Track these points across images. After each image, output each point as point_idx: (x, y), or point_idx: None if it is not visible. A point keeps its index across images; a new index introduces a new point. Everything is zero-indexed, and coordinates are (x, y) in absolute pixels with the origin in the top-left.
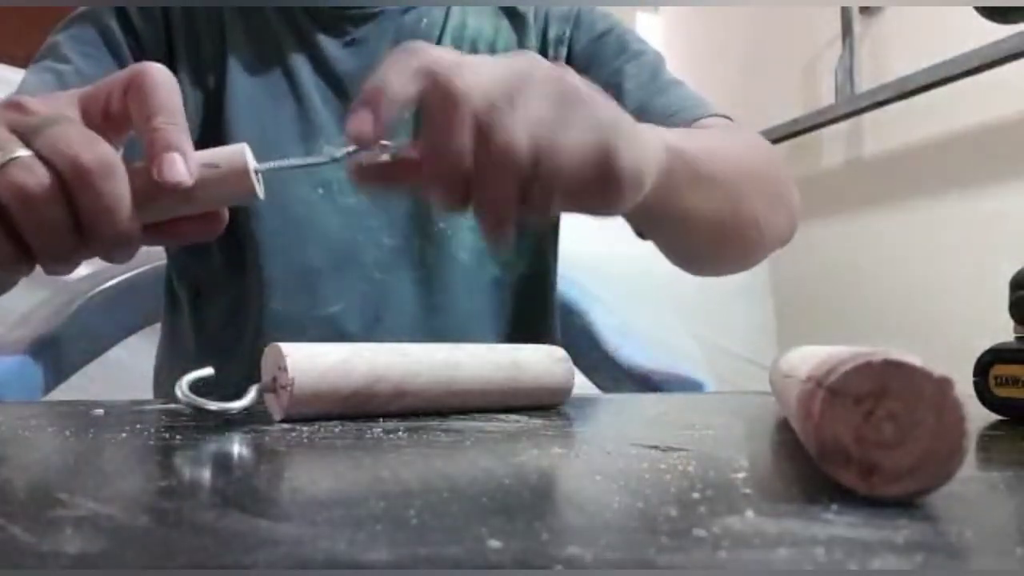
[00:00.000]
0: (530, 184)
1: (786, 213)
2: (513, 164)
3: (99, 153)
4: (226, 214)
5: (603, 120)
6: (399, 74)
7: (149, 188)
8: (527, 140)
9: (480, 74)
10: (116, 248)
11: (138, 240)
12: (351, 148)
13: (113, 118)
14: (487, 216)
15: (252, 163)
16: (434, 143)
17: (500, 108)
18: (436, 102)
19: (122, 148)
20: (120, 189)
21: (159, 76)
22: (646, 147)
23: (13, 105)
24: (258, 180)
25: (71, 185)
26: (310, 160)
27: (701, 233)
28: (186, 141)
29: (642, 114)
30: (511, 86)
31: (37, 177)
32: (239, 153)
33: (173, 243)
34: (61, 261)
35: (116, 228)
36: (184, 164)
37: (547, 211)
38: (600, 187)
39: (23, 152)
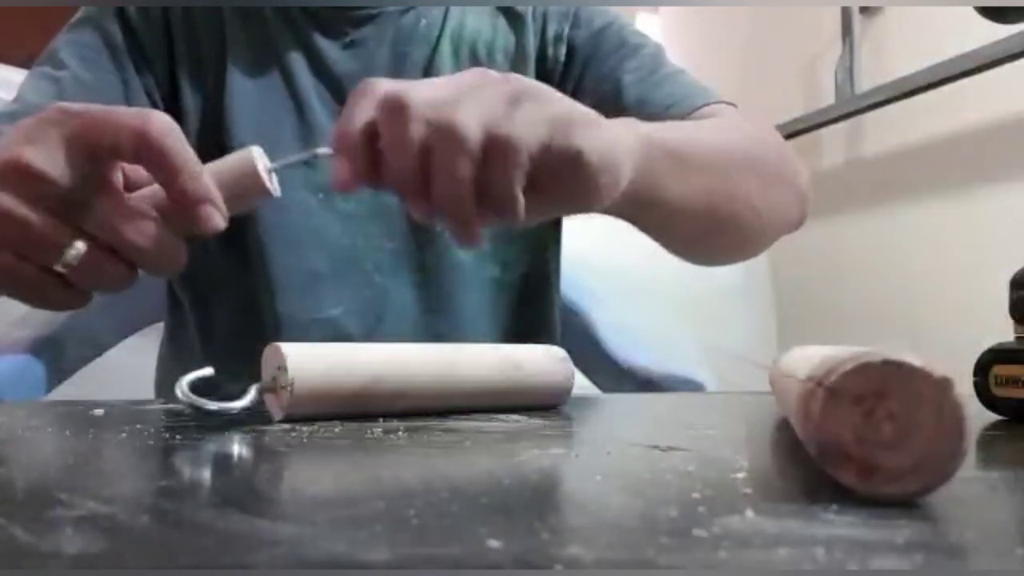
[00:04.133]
0: (486, 171)
1: (790, 194)
2: (461, 144)
3: (147, 231)
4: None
5: (554, 111)
6: (358, 108)
7: (187, 228)
8: (475, 123)
9: (428, 85)
10: (168, 275)
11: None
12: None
13: (119, 157)
14: (449, 212)
15: (263, 169)
16: (388, 146)
17: (447, 105)
18: (387, 113)
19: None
20: (170, 248)
21: (166, 135)
22: (616, 137)
23: (16, 170)
24: (271, 180)
25: (133, 263)
26: (307, 154)
27: (693, 221)
28: (212, 188)
29: (642, 108)
30: (458, 90)
31: (111, 274)
32: (251, 167)
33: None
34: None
35: (169, 270)
36: (218, 212)
37: (512, 203)
38: (570, 178)
39: (82, 245)
